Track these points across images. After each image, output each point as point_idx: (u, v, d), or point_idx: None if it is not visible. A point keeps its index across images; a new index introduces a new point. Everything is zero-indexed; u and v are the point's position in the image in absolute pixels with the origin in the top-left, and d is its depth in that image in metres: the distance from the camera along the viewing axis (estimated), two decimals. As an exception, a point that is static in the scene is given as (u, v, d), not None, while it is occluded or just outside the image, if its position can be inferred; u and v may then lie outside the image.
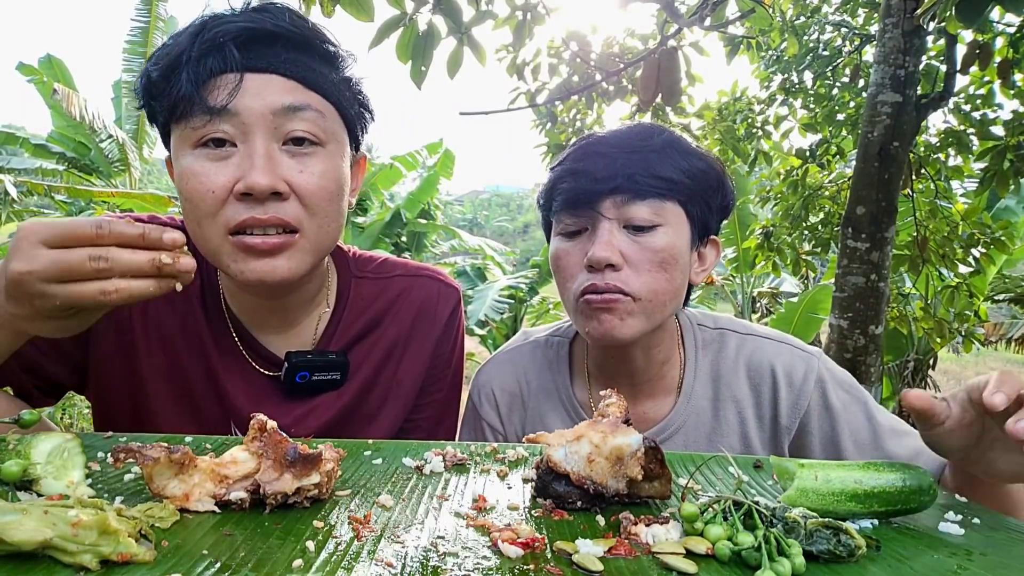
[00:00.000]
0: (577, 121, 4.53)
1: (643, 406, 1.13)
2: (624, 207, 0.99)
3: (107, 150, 9.96)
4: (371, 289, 1.10)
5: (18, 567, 0.47)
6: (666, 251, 1.00)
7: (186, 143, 0.86)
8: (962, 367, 12.94)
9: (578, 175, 1.01)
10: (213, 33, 0.84)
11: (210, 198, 0.84)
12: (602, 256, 0.97)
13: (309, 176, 0.87)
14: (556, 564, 0.54)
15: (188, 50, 0.84)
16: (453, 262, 10.83)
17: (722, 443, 1.09)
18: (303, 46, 0.89)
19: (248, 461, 0.63)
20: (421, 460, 0.78)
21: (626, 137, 1.02)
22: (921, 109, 3.02)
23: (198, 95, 0.83)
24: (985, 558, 0.61)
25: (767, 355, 1.11)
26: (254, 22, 0.85)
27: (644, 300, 1.00)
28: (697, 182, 1.02)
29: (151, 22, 10.29)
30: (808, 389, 1.08)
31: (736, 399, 1.11)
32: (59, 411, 5.46)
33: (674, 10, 2.73)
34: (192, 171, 0.85)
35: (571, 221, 1.03)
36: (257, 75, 0.85)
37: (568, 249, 1.04)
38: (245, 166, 0.84)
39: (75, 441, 0.65)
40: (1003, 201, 7.54)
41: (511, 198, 48.89)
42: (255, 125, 0.84)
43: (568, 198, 1.02)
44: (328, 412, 1.04)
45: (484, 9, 2.38)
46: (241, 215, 0.84)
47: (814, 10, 4.97)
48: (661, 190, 0.99)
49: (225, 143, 0.85)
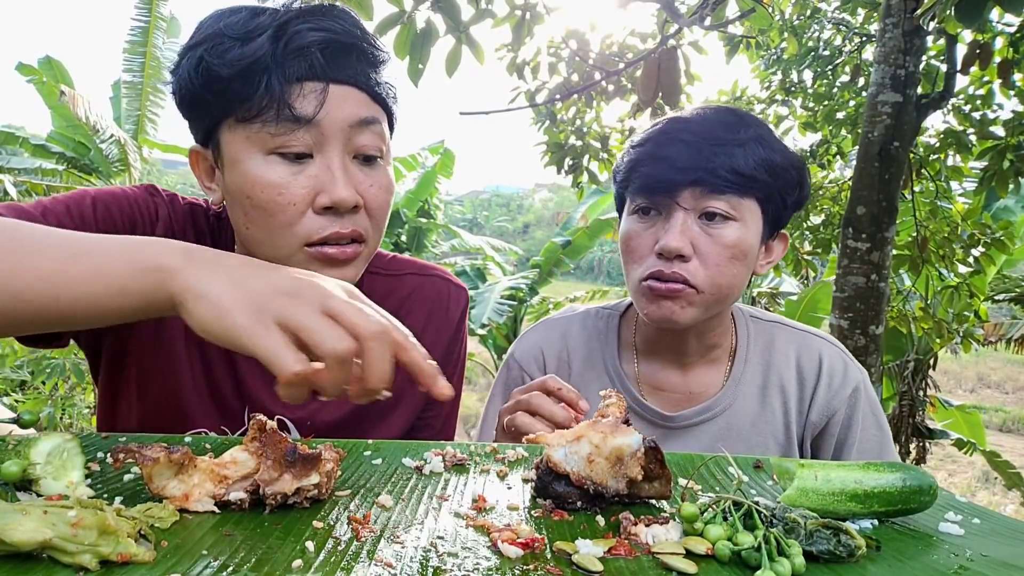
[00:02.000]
0: (577, 120, 4.53)
1: (689, 385, 1.15)
2: (701, 199, 0.99)
3: (107, 150, 9.96)
4: (383, 285, 1.11)
5: (18, 567, 0.47)
6: (737, 246, 1.00)
7: (255, 146, 0.84)
8: (962, 367, 12.94)
9: (659, 161, 1.00)
10: (298, 39, 0.82)
11: (291, 210, 0.84)
12: (674, 246, 0.98)
13: (377, 190, 0.89)
14: (556, 564, 0.54)
15: (272, 52, 0.82)
16: (453, 262, 10.83)
17: (765, 430, 1.12)
18: (370, 57, 0.89)
19: (248, 461, 0.63)
20: (421, 460, 0.78)
21: (712, 126, 1.01)
22: (921, 109, 3.02)
23: (284, 101, 0.82)
24: (985, 558, 0.61)
25: (817, 350, 1.14)
26: (335, 32, 0.85)
27: (707, 293, 1.01)
28: (777, 179, 1.01)
29: (151, 22, 10.27)
30: (844, 395, 1.10)
31: (783, 388, 1.13)
32: (59, 411, 5.46)
33: (674, 10, 2.73)
34: (268, 180, 0.84)
35: (646, 204, 1.04)
36: (339, 86, 0.85)
37: (640, 231, 1.05)
38: (325, 179, 0.84)
39: (75, 441, 0.65)
40: (1001, 201, 7.53)
41: (511, 198, 48.87)
42: (334, 137, 0.85)
43: (646, 183, 1.02)
44: (343, 407, 1.04)
45: (483, 8, 2.38)
46: (325, 229, 0.85)
47: (813, 10, 4.97)
48: (741, 186, 0.98)
49: (303, 153, 0.84)
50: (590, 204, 9.95)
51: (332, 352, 0.56)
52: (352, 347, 0.57)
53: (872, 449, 1.09)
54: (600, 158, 4.53)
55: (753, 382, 1.13)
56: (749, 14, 2.98)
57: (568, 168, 4.48)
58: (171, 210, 0.98)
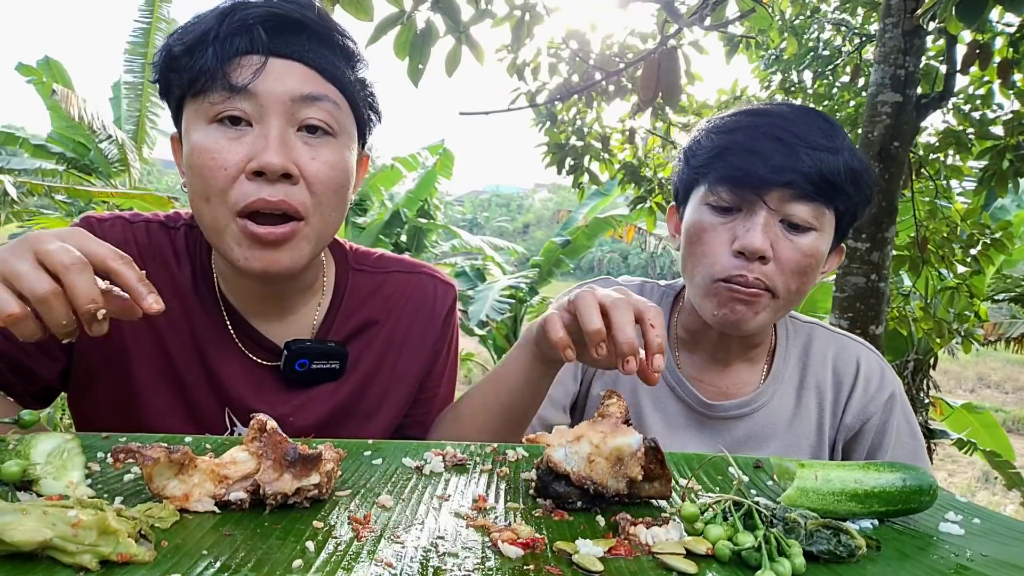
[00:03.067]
0: (577, 120, 4.53)
1: (726, 379, 1.14)
2: (787, 203, 0.96)
3: (106, 150, 9.96)
4: (369, 282, 1.10)
5: (18, 567, 0.47)
6: (813, 255, 0.98)
7: (201, 118, 0.86)
8: (962, 367, 12.94)
9: (752, 155, 0.96)
10: (242, 15, 0.85)
11: (222, 175, 0.85)
12: (758, 246, 0.94)
13: (320, 164, 0.88)
14: (556, 564, 0.54)
15: (216, 28, 0.85)
16: (453, 262, 10.83)
17: (799, 430, 1.11)
18: (326, 39, 0.90)
19: (248, 461, 0.63)
20: (421, 460, 0.78)
21: (808, 128, 0.97)
22: (921, 109, 3.02)
23: (221, 71, 0.84)
24: (985, 558, 0.61)
25: (854, 353, 1.13)
26: (283, 9, 0.87)
27: (781, 299, 0.99)
28: (859, 193, 0.99)
29: (152, 23, 10.28)
30: (880, 400, 1.10)
31: (819, 389, 1.12)
32: (59, 411, 5.45)
33: (674, 10, 2.73)
34: (205, 146, 0.85)
35: (727, 197, 0.98)
36: (281, 60, 0.86)
37: (715, 225, 1.00)
38: (259, 145, 0.85)
39: (75, 441, 0.65)
40: (998, 200, 7.53)
41: (511, 198, 48.85)
42: (273, 108, 0.85)
43: (734, 176, 0.97)
44: (327, 404, 1.04)
45: (483, 8, 2.38)
46: (251, 195, 0.85)
47: (813, 10, 4.97)
48: (829, 195, 0.96)
49: (241, 122, 0.86)
50: (591, 205, 9.96)
51: (31, 292, 0.65)
52: (47, 287, 0.65)
53: (905, 457, 1.08)
54: (601, 158, 4.53)
55: (791, 381, 1.13)
56: (749, 14, 2.98)
57: (569, 168, 4.48)
58: (102, 231, 1.00)
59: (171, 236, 1.04)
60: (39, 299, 0.66)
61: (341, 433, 1.04)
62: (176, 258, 1.02)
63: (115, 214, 1.04)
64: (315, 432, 1.01)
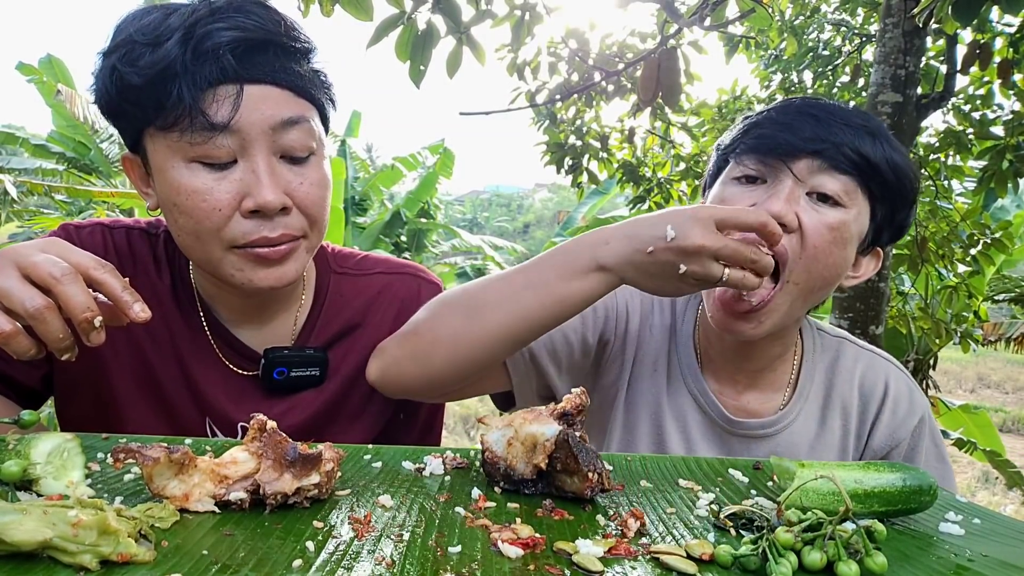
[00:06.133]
0: (577, 120, 4.53)
1: (747, 396, 1.07)
2: (818, 174, 0.90)
3: (107, 150, 9.96)
4: (351, 285, 1.09)
5: (18, 567, 0.47)
6: (839, 231, 0.90)
7: (178, 155, 0.83)
8: (962, 367, 12.94)
9: (782, 127, 0.92)
10: (209, 43, 0.80)
11: (216, 216, 0.83)
12: (778, 210, 0.87)
13: (309, 187, 0.88)
14: (556, 564, 0.54)
15: (180, 56, 0.79)
16: (453, 262, 10.83)
17: (822, 450, 1.05)
18: (290, 50, 0.87)
19: (248, 461, 0.63)
20: (421, 463, 0.78)
21: (843, 109, 0.94)
22: (921, 109, 3.02)
23: (197, 108, 0.80)
24: (985, 558, 0.61)
25: (882, 373, 1.08)
26: (247, 30, 0.82)
27: (800, 285, 0.92)
28: (897, 180, 0.93)
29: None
30: (910, 425, 1.06)
31: (845, 408, 1.07)
32: (59, 411, 5.44)
33: (674, 10, 2.73)
34: (193, 188, 0.83)
35: (754, 167, 0.93)
36: (255, 86, 0.83)
37: (737, 195, 0.94)
38: (249, 181, 0.83)
39: (75, 441, 0.65)
40: (999, 200, 7.54)
41: (511, 198, 48.85)
42: (256, 140, 0.83)
43: (763, 144, 0.92)
44: (309, 408, 1.03)
45: (483, 8, 2.38)
46: (252, 234, 0.84)
47: (813, 10, 4.98)
48: (862, 170, 0.90)
49: (226, 159, 0.83)
50: (590, 204, 9.96)
51: (23, 309, 0.65)
52: (40, 301, 0.65)
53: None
54: (600, 158, 4.54)
55: (815, 400, 1.07)
56: (749, 14, 2.98)
57: (568, 168, 4.49)
58: (80, 239, 0.99)
59: (151, 243, 1.03)
60: (32, 315, 0.65)
61: (324, 437, 1.03)
62: (156, 265, 1.01)
63: (93, 221, 1.03)
64: (297, 437, 1.01)
